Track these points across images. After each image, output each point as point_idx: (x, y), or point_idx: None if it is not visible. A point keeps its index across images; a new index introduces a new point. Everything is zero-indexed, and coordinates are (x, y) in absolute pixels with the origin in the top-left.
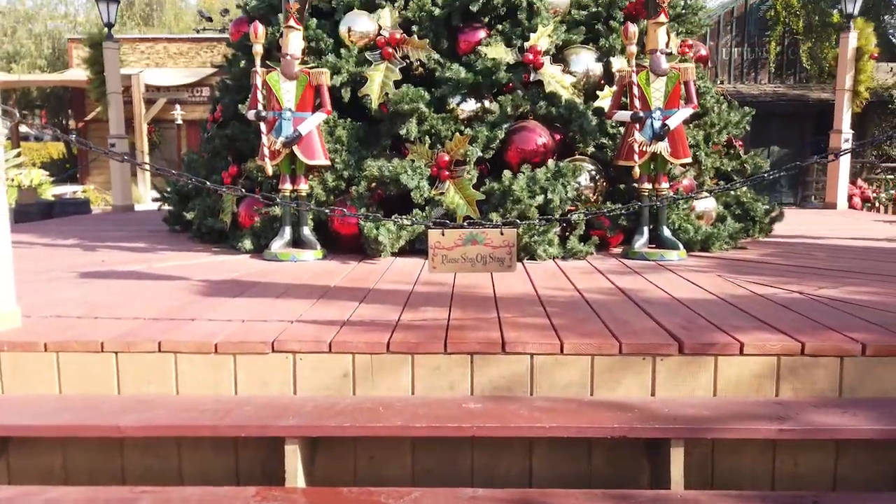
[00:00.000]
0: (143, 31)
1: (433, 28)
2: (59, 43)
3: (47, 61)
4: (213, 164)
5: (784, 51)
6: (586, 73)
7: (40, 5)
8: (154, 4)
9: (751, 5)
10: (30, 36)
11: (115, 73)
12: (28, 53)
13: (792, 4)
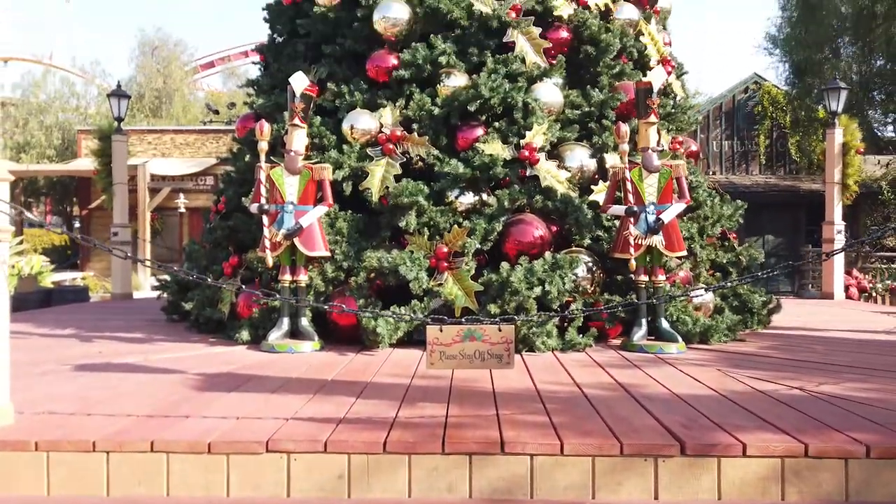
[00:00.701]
0: (152, 122)
1: (433, 126)
2: (68, 134)
3: (56, 151)
4: (214, 254)
5: (773, 143)
6: (581, 168)
7: (53, 98)
8: (163, 97)
9: (738, 101)
10: (41, 127)
11: (122, 164)
12: (38, 144)
13: (778, 100)
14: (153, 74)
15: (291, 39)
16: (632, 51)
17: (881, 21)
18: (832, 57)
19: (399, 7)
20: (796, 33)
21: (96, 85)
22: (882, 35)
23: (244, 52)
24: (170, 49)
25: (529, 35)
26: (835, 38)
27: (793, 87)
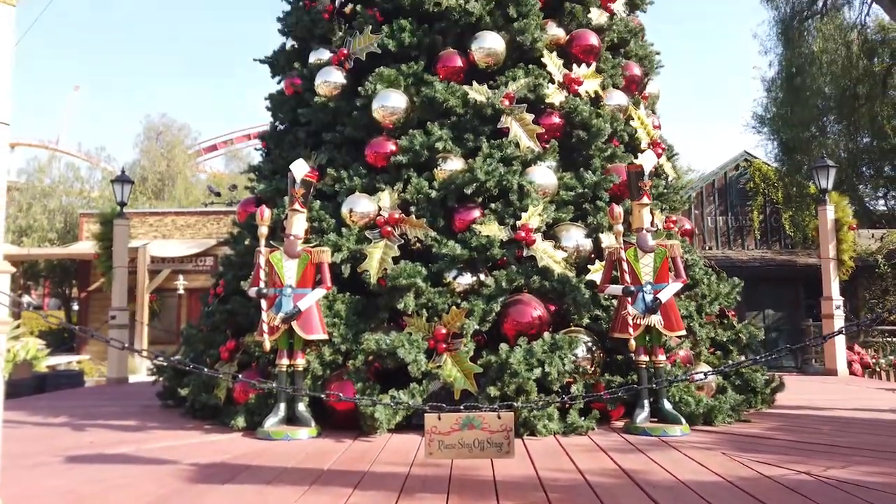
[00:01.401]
0: (154, 205)
1: (430, 208)
2: (71, 217)
3: (58, 234)
4: (211, 338)
5: (767, 219)
6: (577, 248)
7: (57, 183)
8: (166, 179)
9: (730, 178)
10: (44, 211)
11: (122, 248)
12: (40, 227)
13: (769, 177)
14: (157, 158)
15: (293, 127)
16: (622, 134)
17: (864, 101)
18: (819, 135)
19: (397, 96)
20: (782, 113)
21: (101, 168)
22: (866, 114)
23: (247, 134)
24: (174, 134)
25: (523, 121)
26: (820, 117)
27: (782, 164)
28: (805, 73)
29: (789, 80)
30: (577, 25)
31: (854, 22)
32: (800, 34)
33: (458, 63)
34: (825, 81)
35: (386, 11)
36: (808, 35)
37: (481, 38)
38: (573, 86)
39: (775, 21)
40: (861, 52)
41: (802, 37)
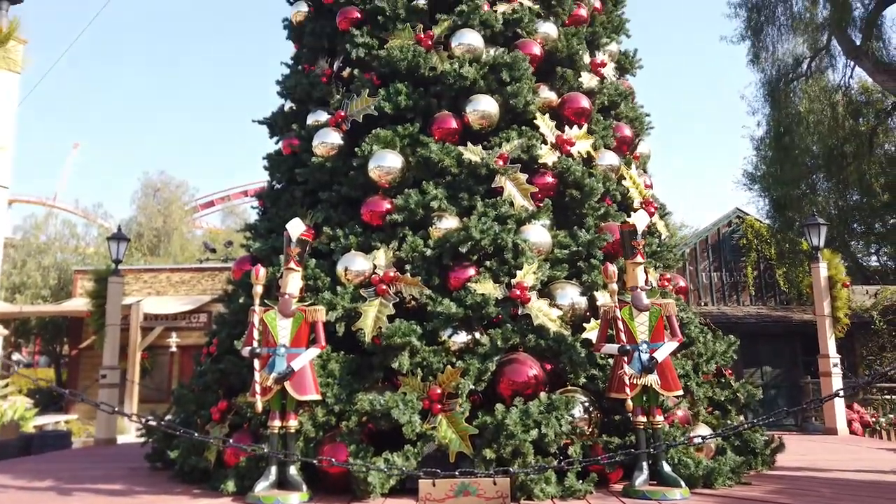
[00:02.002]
0: (149, 261)
1: (425, 266)
2: (65, 274)
3: (51, 291)
4: (203, 398)
5: (761, 275)
6: (572, 306)
7: (53, 240)
8: (162, 236)
9: (723, 234)
10: (38, 268)
11: (116, 305)
12: (33, 284)
13: (762, 233)
14: (154, 215)
15: (289, 186)
16: (615, 194)
17: (851, 160)
18: (809, 192)
19: (393, 157)
20: (772, 171)
21: (97, 225)
22: (854, 172)
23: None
24: (171, 191)
25: (517, 181)
26: (809, 174)
27: (774, 221)
28: (793, 132)
29: (777, 140)
30: (569, 89)
31: (838, 84)
32: (786, 95)
33: (452, 125)
34: (813, 141)
35: (383, 75)
36: (795, 96)
37: (475, 101)
38: (566, 146)
39: (762, 83)
40: (846, 113)
41: (789, 98)
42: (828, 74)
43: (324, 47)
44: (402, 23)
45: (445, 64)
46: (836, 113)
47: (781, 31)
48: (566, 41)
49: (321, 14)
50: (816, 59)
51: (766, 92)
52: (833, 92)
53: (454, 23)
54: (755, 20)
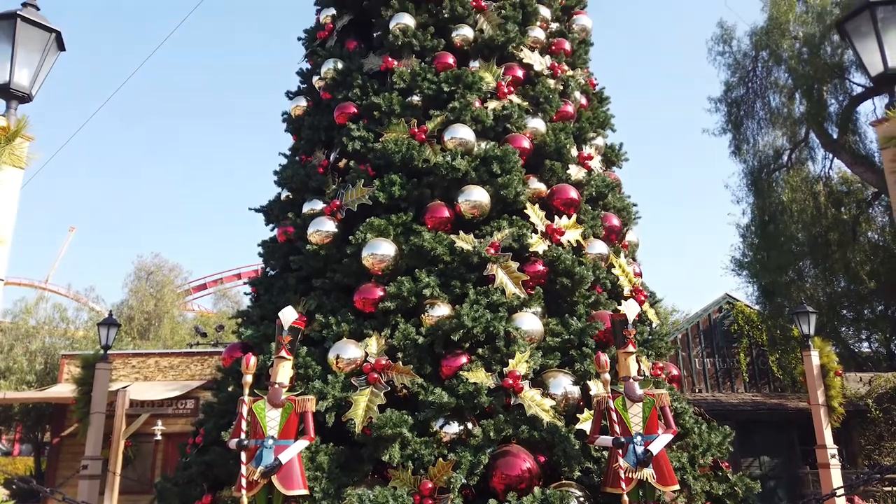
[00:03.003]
0: (138, 345)
1: (417, 354)
2: (52, 359)
3: (37, 376)
4: (187, 492)
5: (754, 361)
6: (565, 395)
7: (42, 324)
8: (153, 319)
9: (714, 320)
10: (25, 353)
11: (102, 392)
12: (19, 369)
13: (752, 319)
14: (146, 298)
15: (283, 273)
16: (605, 282)
17: (836, 248)
18: (797, 279)
19: (386, 245)
20: (759, 258)
21: (88, 309)
22: (840, 260)
23: (237, 274)
24: (164, 274)
25: (508, 269)
26: (796, 261)
27: (764, 307)
28: (777, 220)
29: (763, 227)
30: (558, 180)
31: (819, 174)
32: (769, 185)
33: (445, 214)
34: (797, 229)
35: (378, 167)
36: (777, 186)
37: (468, 191)
38: (556, 236)
39: (745, 173)
40: (828, 202)
41: (772, 187)
42: (808, 165)
43: (321, 139)
44: (397, 117)
45: (438, 156)
46: (818, 202)
47: (761, 124)
48: (554, 135)
49: (319, 108)
50: (796, 151)
51: (749, 182)
52: (814, 182)
53: (447, 118)
54: (735, 114)
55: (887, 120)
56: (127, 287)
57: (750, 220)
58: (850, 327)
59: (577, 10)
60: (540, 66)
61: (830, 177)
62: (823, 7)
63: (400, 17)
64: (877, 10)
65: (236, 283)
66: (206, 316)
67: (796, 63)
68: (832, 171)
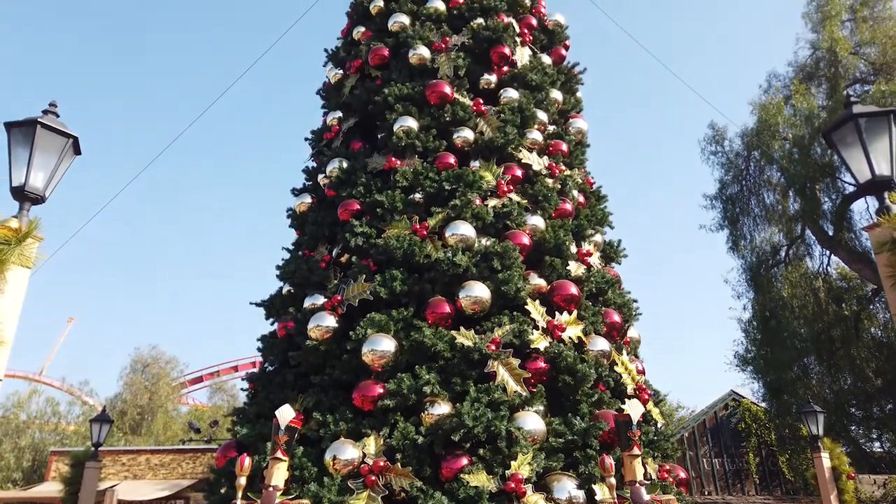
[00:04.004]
0: (130, 441)
1: (416, 455)
2: (40, 455)
3: (23, 473)
4: None
5: (764, 461)
6: (569, 500)
7: (34, 418)
8: (146, 413)
9: (720, 417)
10: (14, 448)
11: (90, 492)
12: (6, 466)
13: (760, 417)
14: (140, 391)
15: (282, 369)
16: (608, 380)
17: (840, 344)
18: (803, 376)
19: (387, 341)
20: (763, 354)
21: (81, 403)
22: (844, 357)
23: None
24: (161, 366)
25: (509, 366)
26: (800, 358)
27: (771, 405)
28: (779, 316)
29: (764, 323)
30: (558, 276)
31: (817, 271)
32: (768, 281)
33: (446, 310)
34: (799, 324)
35: (379, 262)
36: (777, 282)
37: (468, 287)
38: (557, 332)
39: (743, 268)
40: (829, 299)
41: (771, 283)
42: (806, 261)
43: (324, 235)
44: (400, 214)
45: (439, 252)
46: (818, 298)
47: (757, 221)
48: (553, 232)
49: (324, 205)
50: (794, 247)
51: (748, 277)
52: (813, 278)
53: (448, 215)
54: (731, 211)
55: (879, 225)
56: (122, 380)
57: (751, 315)
58: (860, 426)
59: (573, 114)
60: (538, 166)
61: (829, 273)
62: (811, 111)
63: (404, 120)
64: (860, 121)
65: (233, 375)
66: (201, 410)
67: (788, 163)
68: (830, 268)
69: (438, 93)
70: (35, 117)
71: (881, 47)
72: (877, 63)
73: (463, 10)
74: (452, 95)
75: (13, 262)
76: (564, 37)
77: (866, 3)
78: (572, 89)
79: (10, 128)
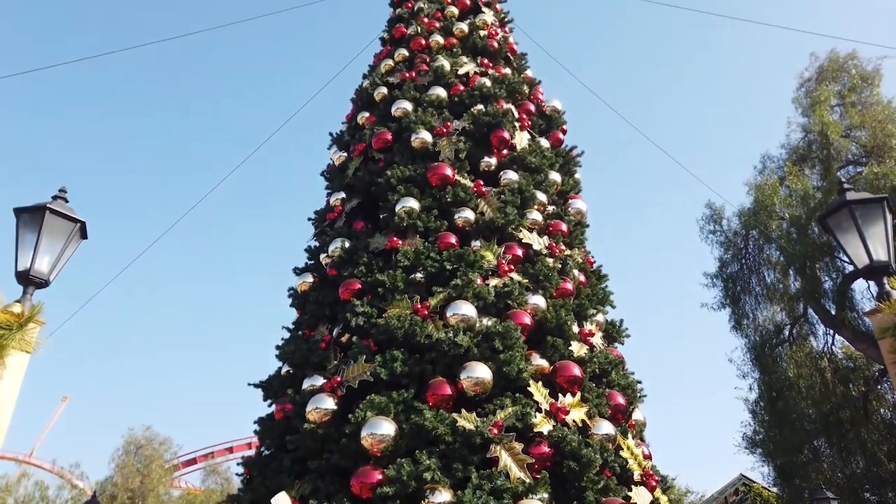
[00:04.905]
0: None
1: None
2: None
3: None
4: None
5: None
6: None
7: (22, 502)
8: (137, 498)
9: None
10: None
11: None
12: None
13: (772, 503)
14: (131, 474)
15: (278, 453)
16: (614, 465)
17: (849, 426)
18: (813, 459)
19: (386, 424)
20: (772, 436)
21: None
22: (855, 439)
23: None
24: (154, 448)
25: (512, 451)
26: (810, 440)
27: (782, 489)
28: (786, 397)
29: (772, 404)
30: (560, 357)
31: (822, 350)
32: (773, 360)
33: (447, 391)
34: (807, 405)
35: (380, 342)
36: (782, 361)
37: (470, 368)
38: (560, 415)
39: (747, 348)
40: (835, 379)
41: (776, 363)
42: (810, 340)
43: (325, 315)
44: (401, 294)
45: (441, 332)
46: (825, 378)
47: (758, 299)
48: (555, 312)
49: (325, 284)
50: (797, 326)
51: (752, 357)
52: (819, 358)
53: (449, 294)
54: (732, 289)
55: (880, 311)
56: (113, 462)
57: (758, 395)
58: None
59: (572, 195)
60: (539, 245)
61: (834, 352)
62: (806, 192)
63: (405, 201)
64: (854, 208)
65: (228, 457)
66: (194, 493)
67: (786, 242)
68: (835, 347)
69: (440, 175)
70: (44, 203)
71: (871, 131)
72: (868, 146)
73: (463, 96)
74: (453, 177)
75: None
76: (562, 121)
77: (854, 89)
78: (571, 171)
79: (19, 213)
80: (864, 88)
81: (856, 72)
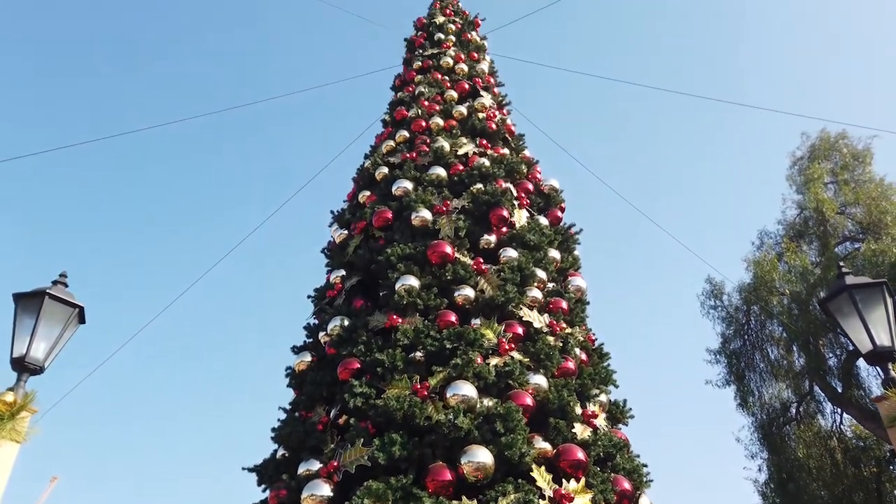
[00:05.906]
0: None
1: None
2: None
3: None
4: None
5: None
6: None
7: None
8: None
9: None
10: None
11: None
12: None
13: None
14: None
15: None
16: None
17: None
18: None
19: None
20: None
21: None
22: None
23: None
24: None
25: None
26: None
27: None
28: (796, 478)
29: (782, 486)
30: (563, 439)
31: (831, 429)
32: (781, 440)
33: (447, 477)
34: (818, 487)
35: (378, 424)
36: (790, 440)
37: (470, 452)
38: (564, 502)
39: (754, 426)
40: (846, 460)
41: (785, 442)
42: (818, 419)
43: (322, 395)
44: (400, 373)
45: (440, 414)
46: (835, 459)
47: (763, 376)
48: (557, 392)
49: (323, 364)
50: (804, 404)
51: (760, 436)
52: (828, 437)
53: (449, 374)
54: (736, 366)
55: (887, 398)
56: None
57: (767, 477)
58: None
59: (571, 272)
60: (539, 323)
61: (843, 432)
62: (804, 268)
63: (405, 279)
64: (855, 293)
65: None
66: None
67: (788, 318)
68: (844, 426)
69: (440, 253)
70: (43, 288)
71: (866, 207)
72: (863, 222)
73: (463, 176)
74: (453, 255)
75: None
76: (560, 200)
77: (846, 167)
78: (570, 248)
79: (18, 299)
80: (856, 166)
81: (847, 150)
